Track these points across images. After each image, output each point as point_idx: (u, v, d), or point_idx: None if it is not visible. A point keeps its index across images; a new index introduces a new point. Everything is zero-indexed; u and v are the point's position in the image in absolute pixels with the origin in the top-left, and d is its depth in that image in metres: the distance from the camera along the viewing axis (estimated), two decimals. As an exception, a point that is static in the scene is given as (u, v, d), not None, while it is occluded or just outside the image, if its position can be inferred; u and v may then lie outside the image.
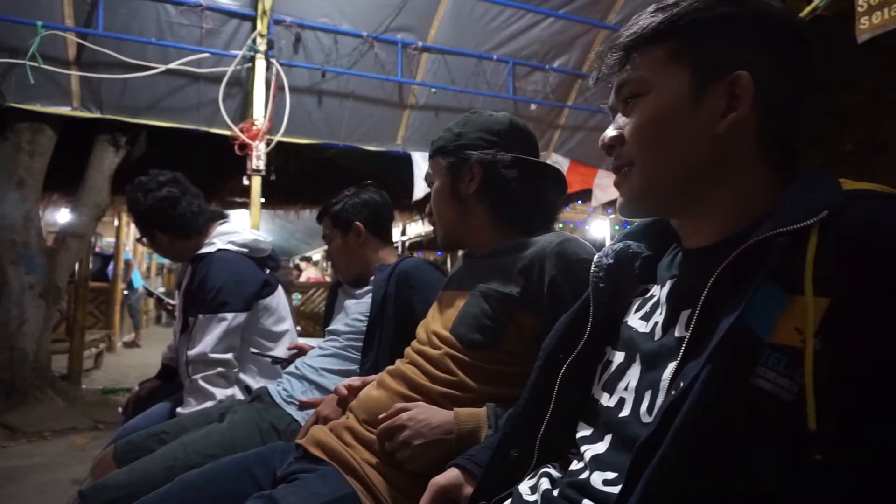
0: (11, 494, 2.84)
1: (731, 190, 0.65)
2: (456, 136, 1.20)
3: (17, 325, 4.14)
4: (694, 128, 0.65)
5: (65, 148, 4.36)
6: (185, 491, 1.13)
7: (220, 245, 1.93)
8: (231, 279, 1.85)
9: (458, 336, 1.08)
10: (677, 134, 0.66)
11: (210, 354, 1.79)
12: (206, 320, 1.81)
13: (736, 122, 0.63)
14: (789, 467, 0.50)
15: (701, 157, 0.65)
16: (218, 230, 2.02)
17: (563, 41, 5.06)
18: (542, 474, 0.74)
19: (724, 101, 0.64)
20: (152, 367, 2.81)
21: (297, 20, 4.23)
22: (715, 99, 0.64)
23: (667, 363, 0.63)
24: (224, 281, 1.83)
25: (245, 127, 3.91)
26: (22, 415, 3.99)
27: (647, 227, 0.80)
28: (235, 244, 1.94)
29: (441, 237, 1.26)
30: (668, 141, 0.67)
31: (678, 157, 0.66)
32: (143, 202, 1.96)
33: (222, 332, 1.80)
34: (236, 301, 1.84)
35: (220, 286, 1.82)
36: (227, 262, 1.88)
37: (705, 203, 0.67)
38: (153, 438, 1.59)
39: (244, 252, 1.95)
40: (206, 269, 1.86)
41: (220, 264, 1.86)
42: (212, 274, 1.84)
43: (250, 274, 1.93)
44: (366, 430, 1.08)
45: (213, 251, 1.90)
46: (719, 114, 0.64)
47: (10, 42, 3.70)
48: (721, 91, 0.64)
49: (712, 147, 0.65)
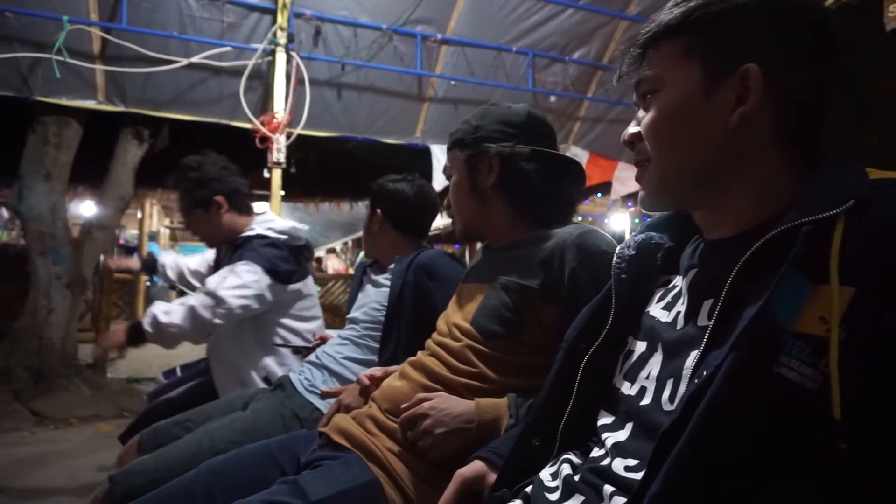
0: (41, 479, 2.91)
1: (747, 182, 0.65)
2: (474, 129, 1.20)
3: (44, 315, 4.24)
4: (706, 122, 0.65)
5: (90, 141, 4.43)
6: (212, 476, 1.15)
7: (259, 230, 2.00)
8: (269, 253, 1.92)
9: (478, 328, 1.09)
10: (689, 129, 0.66)
11: (221, 291, 1.82)
12: (228, 269, 1.87)
13: (747, 116, 0.63)
14: (812, 456, 0.50)
15: (714, 151, 0.65)
16: (257, 218, 2.09)
17: (583, 32, 5.02)
18: (563, 461, 0.75)
19: (735, 94, 0.63)
20: (175, 357, 2.87)
21: (316, 13, 4.25)
22: (726, 93, 0.64)
23: (689, 352, 0.63)
24: (263, 251, 1.91)
25: (266, 120, 3.95)
26: (50, 402, 4.08)
27: (670, 218, 0.81)
28: (274, 230, 2.01)
29: (460, 229, 1.27)
30: (680, 136, 0.67)
31: (691, 151, 0.67)
32: (207, 170, 2.06)
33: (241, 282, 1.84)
34: (270, 266, 1.89)
35: (258, 253, 1.90)
36: (264, 242, 1.96)
37: (722, 196, 0.67)
38: (178, 426, 1.63)
39: (282, 238, 2.01)
40: (245, 246, 1.94)
41: (259, 242, 1.94)
42: (251, 248, 1.92)
43: (286, 255, 1.99)
44: (388, 419, 1.09)
45: (252, 234, 1.98)
46: (730, 107, 0.64)
47: (36, 36, 3.77)
48: (732, 85, 0.64)
49: (725, 141, 0.65)
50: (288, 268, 1.96)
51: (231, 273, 1.85)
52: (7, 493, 2.70)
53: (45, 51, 3.73)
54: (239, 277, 1.84)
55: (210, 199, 2.05)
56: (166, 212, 12.83)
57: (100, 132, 4.45)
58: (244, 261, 1.86)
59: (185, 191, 2.06)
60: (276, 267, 1.91)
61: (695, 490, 0.52)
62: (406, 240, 1.80)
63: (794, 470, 0.51)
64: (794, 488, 0.51)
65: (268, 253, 1.92)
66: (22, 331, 4.22)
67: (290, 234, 2.03)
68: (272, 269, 1.89)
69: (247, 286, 1.84)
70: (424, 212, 1.84)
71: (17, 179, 4.27)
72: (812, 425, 0.50)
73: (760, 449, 0.52)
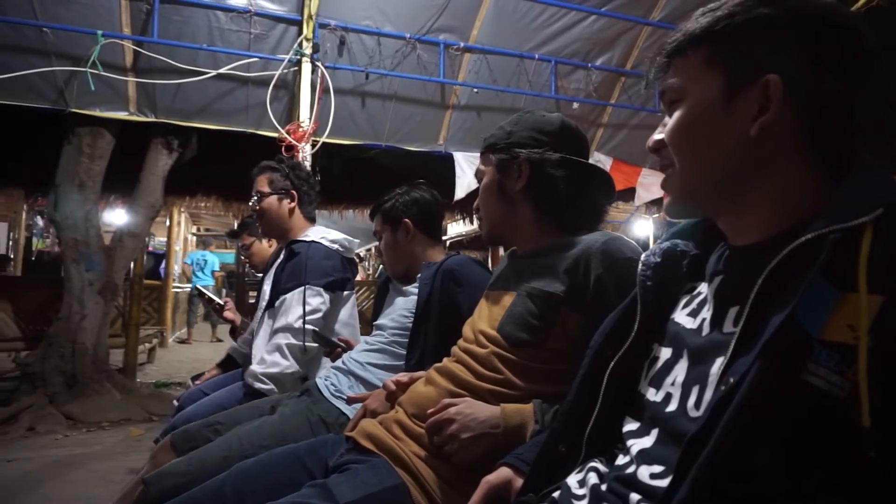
0: (75, 480, 2.99)
1: (769, 190, 0.65)
2: (507, 134, 1.21)
3: (77, 320, 4.34)
4: (727, 132, 0.66)
5: (121, 151, 4.54)
6: (242, 478, 1.18)
7: (314, 238, 2.10)
8: (325, 264, 2.03)
9: (504, 335, 1.10)
10: (710, 138, 0.67)
11: (297, 323, 1.93)
12: (299, 294, 1.96)
13: (767, 125, 0.63)
14: (840, 463, 0.50)
15: (735, 160, 0.66)
16: (311, 228, 2.21)
17: (606, 39, 5.01)
18: (589, 469, 0.76)
19: (756, 104, 0.64)
20: (202, 362, 2.92)
21: (341, 23, 4.32)
22: (747, 103, 0.64)
23: (714, 358, 0.64)
24: (321, 264, 2.01)
25: (291, 129, 4.01)
26: (82, 405, 4.18)
27: (695, 225, 0.81)
28: (328, 239, 2.10)
29: (486, 232, 1.28)
30: (701, 145, 0.68)
31: (712, 160, 0.67)
32: (293, 166, 2.25)
33: (309, 308, 1.95)
34: (328, 283, 2.00)
35: (314, 267, 1.99)
36: (323, 252, 2.06)
37: (744, 204, 0.67)
38: (208, 429, 1.66)
39: (335, 248, 2.10)
40: (304, 252, 2.03)
41: (317, 251, 2.05)
42: (310, 257, 2.01)
43: (340, 266, 2.09)
44: (415, 423, 1.10)
45: (309, 240, 2.08)
46: (751, 117, 0.64)
47: (72, 50, 3.90)
48: (752, 95, 0.64)
49: (746, 150, 0.65)
50: (341, 277, 2.07)
51: (296, 303, 1.96)
52: (44, 492, 2.77)
53: (80, 64, 3.85)
54: (308, 305, 1.96)
55: (287, 191, 2.19)
56: (193, 219, 13.06)
57: (131, 142, 4.56)
58: (309, 286, 1.97)
59: (270, 176, 2.19)
60: (333, 280, 2.03)
61: (721, 496, 0.52)
62: (434, 245, 1.85)
63: (822, 477, 0.51)
64: (822, 496, 0.51)
65: (325, 266, 2.02)
66: (56, 336, 4.32)
67: (343, 246, 2.14)
68: (329, 283, 2.01)
69: (316, 310, 1.97)
70: (442, 215, 1.91)
71: (53, 189, 4.40)
72: (840, 433, 0.50)
73: (787, 456, 0.52)
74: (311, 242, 2.08)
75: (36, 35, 3.84)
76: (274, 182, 2.19)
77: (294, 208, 2.20)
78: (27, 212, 9.76)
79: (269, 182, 2.19)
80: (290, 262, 2.06)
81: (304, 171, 2.30)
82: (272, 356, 1.93)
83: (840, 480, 0.50)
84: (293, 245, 2.10)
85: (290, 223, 2.20)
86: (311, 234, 2.14)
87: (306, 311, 1.94)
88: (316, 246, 2.07)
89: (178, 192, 5.89)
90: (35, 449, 3.51)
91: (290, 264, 2.05)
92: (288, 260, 2.08)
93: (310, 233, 2.15)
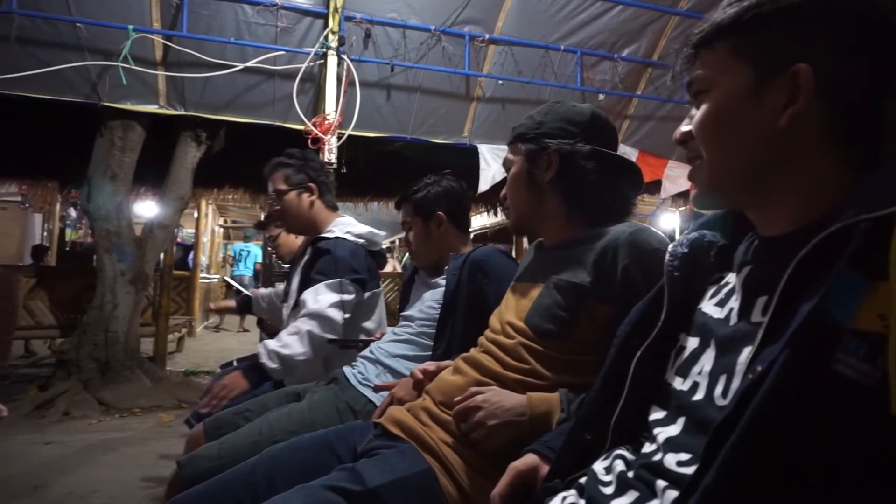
0: (108, 463, 3.08)
1: (798, 181, 0.65)
2: (537, 124, 1.21)
3: (110, 309, 4.45)
4: (755, 123, 0.65)
5: (151, 143, 4.63)
6: (273, 462, 1.21)
7: (339, 233, 2.08)
8: (354, 261, 2.01)
9: (531, 326, 1.11)
10: (738, 129, 0.67)
11: (326, 310, 1.91)
12: (324, 286, 1.96)
13: (796, 116, 0.63)
14: (869, 452, 0.50)
15: (763, 151, 0.65)
16: (336, 220, 2.18)
17: (632, 29, 4.96)
18: (616, 456, 0.76)
19: (786, 94, 0.63)
20: (229, 351, 2.98)
21: (366, 16, 4.34)
22: (776, 93, 0.64)
23: (742, 348, 0.64)
24: (347, 262, 1.99)
25: (317, 121, 4.05)
26: (115, 392, 4.29)
27: (723, 216, 0.81)
28: (353, 234, 2.09)
29: (513, 222, 1.28)
30: (729, 135, 0.67)
31: (739, 151, 0.67)
32: (308, 158, 2.24)
33: (339, 299, 1.94)
34: (356, 280, 2.00)
35: (344, 265, 1.98)
36: (348, 248, 2.04)
37: (772, 195, 0.67)
38: (238, 415, 1.70)
39: (361, 242, 2.09)
40: (329, 249, 2.02)
41: (343, 246, 2.03)
42: (336, 253, 2.00)
43: (366, 261, 2.08)
44: (442, 411, 1.12)
45: (333, 237, 2.07)
46: (780, 108, 0.63)
47: (104, 45, 3.98)
48: (782, 85, 0.63)
49: (774, 141, 0.64)
50: (367, 274, 2.06)
51: (327, 290, 1.95)
52: (80, 475, 2.87)
53: (112, 59, 3.93)
54: (336, 295, 1.95)
55: (305, 184, 2.17)
56: (221, 211, 13.25)
57: (161, 135, 4.64)
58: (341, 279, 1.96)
59: (284, 173, 2.17)
60: (360, 275, 2.02)
61: (747, 483, 0.53)
62: (463, 237, 1.86)
63: (850, 466, 0.51)
64: (849, 484, 0.51)
65: (353, 263, 2.01)
66: (90, 324, 4.44)
67: (368, 240, 2.12)
68: (357, 278, 2.01)
69: (343, 301, 1.96)
70: (469, 205, 1.90)
71: (86, 181, 4.51)
72: (869, 422, 0.50)
73: (815, 444, 0.52)
74: (336, 239, 2.06)
75: (70, 31, 3.93)
76: (290, 177, 2.16)
77: (314, 200, 2.18)
78: (61, 203, 10.01)
79: (284, 178, 2.15)
80: (318, 260, 2.03)
81: (316, 160, 2.27)
82: (291, 338, 1.89)
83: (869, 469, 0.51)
84: (318, 243, 2.08)
85: (313, 216, 2.17)
86: (335, 228, 2.11)
87: (335, 302, 1.93)
88: (341, 243, 2.04)
89: (206, 185, 6.00)
90: (70, 433, 3.63)
91: (319, 262, 2.02)
92: (314, 258, 2.06)
93: (334, 227, 2.12)
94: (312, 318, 1.90)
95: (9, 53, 3.88)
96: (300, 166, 2.18)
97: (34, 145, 5.07)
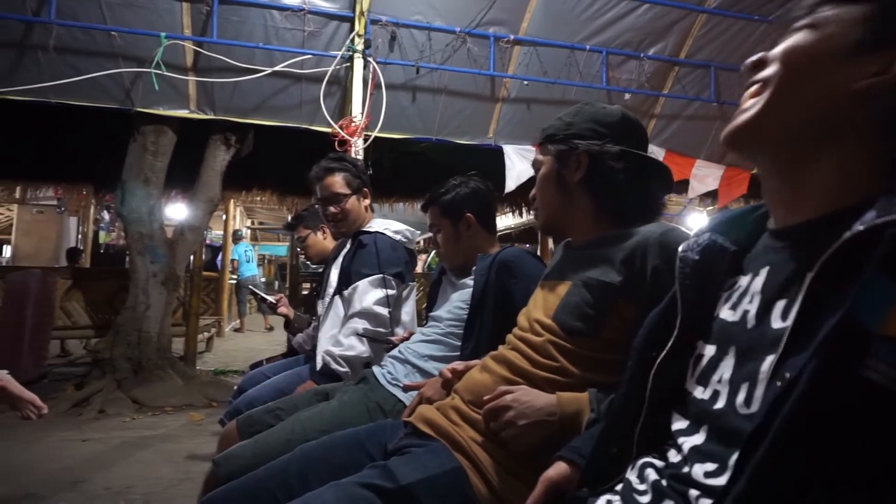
0: (143, 460, 3.16)
1: (838, 159, 0.64)
2: (567, 125, 1.22)
3: (143, 310, 4.56)
4: (833, 77, 0.64)
5: (182, 147, 4.73)
6: (305, 460, 1.23)
7: (378, 228, 2.17)
8: (395, 255, 2.10)
9: (560, 323, 1.11)
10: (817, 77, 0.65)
11: (373, 308, 2.00)
12: (368, 283, 2.03)
13: (874, 86, 0.62)
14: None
15: (824, 106, 0.65)
16: (374, 218, 2.28)
17: (659, 28, 4.91)
18: (645, 464, 0.76)
19: (877, 66, 0.62)
20: (256, 351, 3.03)
21: (392, 19, 4.37)
22: (871, 62, 0.63)
23: (764, 355, 0.63)
24: (388, 255, 2.07)
25: (344, 124, 4.09)
26: (147, 391, 4.40)
27: (734, 218, 0.80)
28: (391, 230, 2.17)
29: (542, 222, 1.29)
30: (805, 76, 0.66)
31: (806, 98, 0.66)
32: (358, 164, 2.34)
33: (384, 295, 2.02)
34: (396, 274, 2.07)
35: (386, 259, 2.06)
36: (388, 242, 2.13)
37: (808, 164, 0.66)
38: (270, 414, 1.73)
39: (398, 238, 2.17)
40: (372, 243, 2.10)
41: (385, 241, 2.11)
42: (378, 246, 2.08)
43: (405, 257, 2.16)
44: (471, 410, 1.13)
45: (374, 230, 2.16)
46: (863, 76, 0.62)
47: (137, 53, 4.08)
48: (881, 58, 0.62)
49: (839, 101, 0.64)
50: (406, 268, 2.13)
51: (372, 287, 2.03)
52: (116, 471, 2.94)
53: (144, 65, 4.02)
54: (381, 291, 2.03)
55: (361, 188, 2.27)
56: (248, 213, 13.44)
57: (191, 139, 4.74)
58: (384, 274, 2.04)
59: (345, 178, 2.24)
60: (400, 270, 2.09)
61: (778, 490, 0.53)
62: (490, 237, 1.86)
63: (881, 472, 0.51)
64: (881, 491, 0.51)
65: (394, 257, 2.09)
66: (123, 324, 4.56)
67: (405, 237, 2.20)
68: (399, 274, 2.08)
69: (388, 296, 2.03)
70: (496, 206, 1.90)
71: (120, 184, 4.63)
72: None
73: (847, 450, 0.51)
74: (377, 233, 2.13)
75: (105, 39, 4.03)
76: (350, 182, 2.23)
77: (367, 204, 2.28)
78: (95, 206, 10.25)
79: (346, 183, 2.23)
80: (359, 251, 2.11)
81: (362, 164, 2.36)
82: (349, 339, 1.98)
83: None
84: (360, 236, 2.15)
85: (363, 218, 2.27)
86: (374, 224, 2.19)
87: (380, 299, 2.00)
88: (381, 237, 2.12)
89: (234, 187, 6.09)
90: (106, 430, 3.73)
91: (360, 253, 2.10)
92: (357, 250, 2.13)
93: (373, 224, 2.21)
94: (362, 317, 2.00)
95: (48, 62, 4.01)
96: (355, 171, 2.26)
97: (70, 151, 5.21)
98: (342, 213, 2.22)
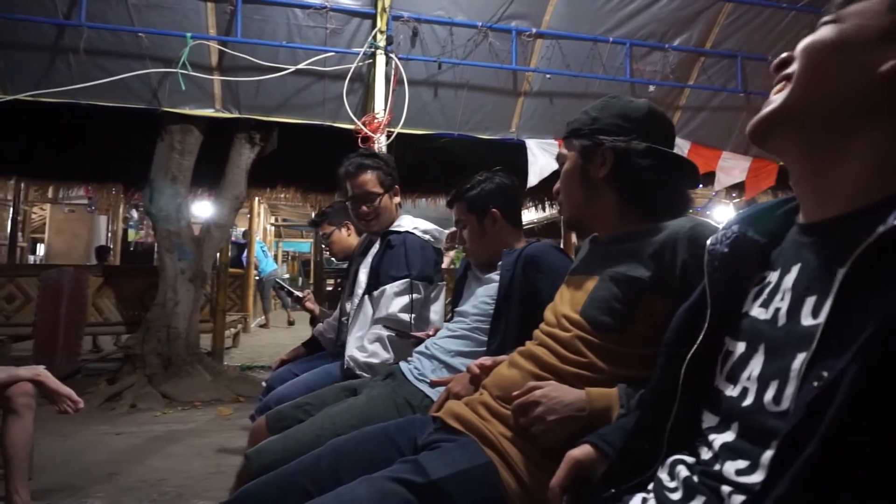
0: (175, 453, 3.23)
1: (868, 148, 0.63)
2: (592, 120, 1.20)
3: (172, 306, 4.64)
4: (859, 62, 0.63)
5: (208, 146, 4.80)
6: (336, 454, 1.24)
7: (407, 227, 2.16)
8: (423, 256, 2.10)
9: (588, 319, 1.10)
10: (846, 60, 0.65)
11: (398, 315, 2.01)
12: (395, 289, 2.04)
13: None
14: None
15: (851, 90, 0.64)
16: (403, 216, 2.27)
17: (683, 18, 4.83)
18: (676, 461, 0.76)
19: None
20: (282, 346, 3.07)
21: (414, 15, 4.37)
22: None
23: (795, 353, 0.62)
24: (419, 257, 2.08)
25: (367, 120, 4.11)
26: (177, 386, 4.48)
27: (763, 212, 0.79)
28: (420, 230, 2.17)
29: (567, 217, 1.28)
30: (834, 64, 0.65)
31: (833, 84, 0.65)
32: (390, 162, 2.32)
33: (409, 300, 2.03)
34: (424, 277, 2.07)
35: (416, 260, 2.06)
36: (418, 242, 2.13)
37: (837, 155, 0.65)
38: (299, 409, 1.76)
39: (426, 238, 2.17)
40: (401, 244, 2.10)
41: (413, 242, 2.11)
42: (407, 247, 2.09)
43: (433, 258, 2.16)
44: (500, 405, 1.14)
45: (403, 230, 2.15)
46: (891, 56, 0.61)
47: (164, 53, 4.15)
48: None
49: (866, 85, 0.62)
50: (434, 269, 2.14)
51: (398, 294, 2.05)
52: (150, 464, 3.01)
53: (171, 66, 4.09)
54: (406, 297, 2.04)
55: (393, 186, 2.26)
56: (272, 210, 13.59)
57: (216, 138, 4.80)
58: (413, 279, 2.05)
59: (378, 176, 2.22)
60: (429, 272, 2.10)
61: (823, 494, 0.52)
62: (516, 232, 1.86)
63: None
64: None
65: (422, 258, 2.09)
66: (153, 321, 4.64)
67: (434, 237, 2.20)
68: (426, 276, 2.09)
69: (413, 301, 2.04)
70: (521, 201, 1.91)
71: (148, 183, 4.71)
72: None
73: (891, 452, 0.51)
74: (406, 233, 2.13)
75: (133, 40, 4.10)
76: (383, 181, 2.21)
77: (398, 202, 2.28)
78: (124, 205, 10.46)
79: (379, 181, 2.20)
80: (388, 252, 2.11)
81: (392, 161, 2.33)
82: (373, 346, 2.00)
83: None
84: (389, 236, 2.15)
85: (394, 215, 2.26)
86: (403, 223, 2.19)
87: (405, 305, 2.01)
88: (411, 238, 2.12)
89: (259, 184, 6.17)
90: (138, 424, 3.81)
91: (389, 254, 2.10)
92: (385, 250, 2.13)
93: (402, 223, 2.20)
94: (387, 322, 2.02)
95: (78, 65, 4.09)
96: (387, 169, 2.25)
97: (100, 151, 5.32)
98: (374, 211, 2.20)
